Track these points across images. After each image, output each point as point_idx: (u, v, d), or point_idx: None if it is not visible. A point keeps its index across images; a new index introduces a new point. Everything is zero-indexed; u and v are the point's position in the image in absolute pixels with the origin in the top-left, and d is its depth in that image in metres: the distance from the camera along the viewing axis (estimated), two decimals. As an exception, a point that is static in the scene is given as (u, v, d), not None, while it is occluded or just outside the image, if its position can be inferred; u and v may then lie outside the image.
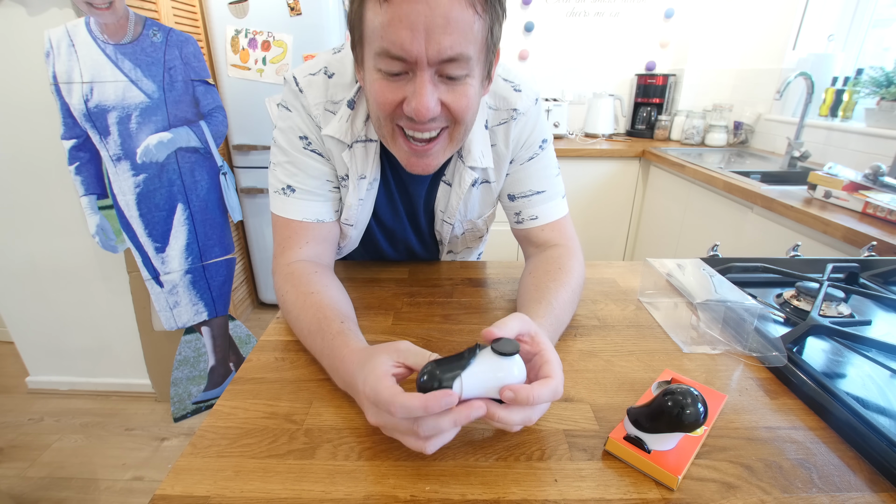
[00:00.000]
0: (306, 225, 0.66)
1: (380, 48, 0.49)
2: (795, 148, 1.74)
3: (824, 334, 0.58)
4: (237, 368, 1.61)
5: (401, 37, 0.47)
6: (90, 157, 1.36)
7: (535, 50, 2.43)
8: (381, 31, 0.48)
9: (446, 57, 0.48)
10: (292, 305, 0.58)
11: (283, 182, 0.66)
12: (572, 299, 0.61)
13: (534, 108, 0.69)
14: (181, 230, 1.47)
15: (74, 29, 1.26)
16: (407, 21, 0.46)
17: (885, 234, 0.98)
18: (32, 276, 1.63)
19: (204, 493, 0.38)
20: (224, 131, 1.53)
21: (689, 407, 0.37)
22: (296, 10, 1.51)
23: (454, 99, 0.52)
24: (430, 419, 0.37)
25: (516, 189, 0.73)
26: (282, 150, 0.66)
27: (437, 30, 0.46)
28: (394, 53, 0.48)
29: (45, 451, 1.57)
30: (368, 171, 0.67)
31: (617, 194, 2.19)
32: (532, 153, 0.71)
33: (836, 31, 1.92)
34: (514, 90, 0.67)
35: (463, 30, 0.48)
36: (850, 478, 0.39)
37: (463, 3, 0.47)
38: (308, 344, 0.56)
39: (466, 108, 0.54)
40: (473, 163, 0.68)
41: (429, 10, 0.45)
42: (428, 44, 0.47)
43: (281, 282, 0.62)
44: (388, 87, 0.51)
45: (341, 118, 0.63)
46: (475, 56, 0.51)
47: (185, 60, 1.39)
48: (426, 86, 0.49)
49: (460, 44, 0.48)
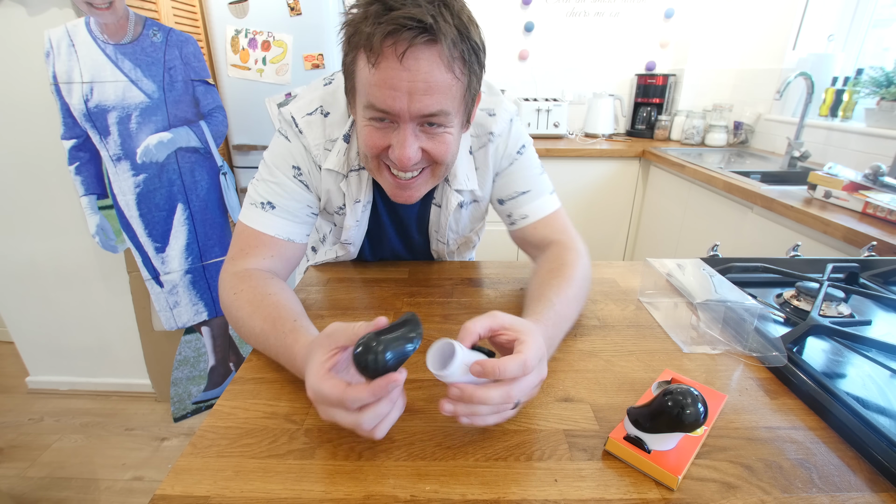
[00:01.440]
0: (276, 240, 0.68)
1: (368, 102, 0.55)
2: (795, 148, 1.74)
3: (824, 334, 0.58)
4: (237, 368, 1.61)
5: (385, 96, 0.53)
6: (90, 157, 1.36)
7: (535, 50, 2.43)
8: (368, 89, 0.54)
9: (427, 113, 0.55)
10: (247, 303, 0.59)
11: (264, 197, 0.68)
12: (577, 294, 0.62)
13: (508, 126, 0.74)
14: (181, 230, 1.47)
15: (74, 29, 1.26)
16: (391, 84, 0.52)
17: (885, 234, 0.98)
18: (32, 276, 1.63)
19: (204, 493, 0.38)
20: (224, 131, 1.53)
21: (689, 407, 0.37)
22: (296, 10, 1.51)
23: (434, 146, 0.59)
24: (369, 411, 0.39)
25: (503, 193, 0.77)
26: (270, 170, 0.70)
27: (418, 92, 0.53)
28: (379, 108, 0.55)
29: (45, 451, 1.57)
30: (362, 195, 0.73)
31: (617, 194, 2.19)
32: (511, 160, 0.75)
33: (836, 31, 1.92)
34: (489, 115, 0.72)
35: (443, 91, 0.54)
36: (850, 478, 0.39)
37: (442, 69, 0.53)
38: (260, 342, 0.56)
39: (445, 153, 0.60)
40: (459, 186, 0.73)
41: (411, 76, 0.52)
42: (410, 103, 0.53)
43: (235, 280, 0.62)
44: (376, 134, 0.58)
45: (339, 152, 0.69)
46: (454, 111, 0.57)
47: (185, 60, 1.39)
48: (408, 138, 0.56)
49: (440, 102, 0.54)
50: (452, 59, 0.54)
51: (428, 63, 0.52)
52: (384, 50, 0.51)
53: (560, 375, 0.53)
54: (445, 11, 0.53)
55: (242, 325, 0.58)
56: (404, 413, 0.46)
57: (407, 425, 0.45)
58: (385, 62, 0.52)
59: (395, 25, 0.50)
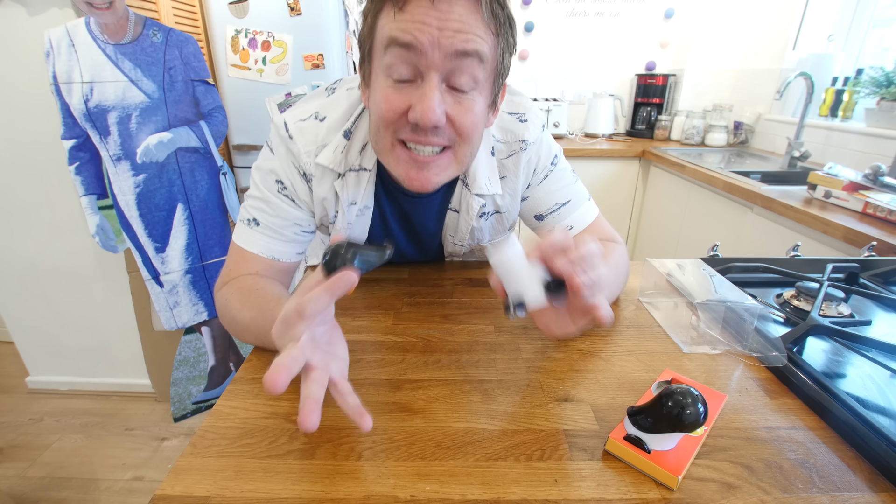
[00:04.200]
0: (260, 259, 0.65)
1: (389, 39, 0.48)
2: (795, 148, 1.74)
3: (824, 334, 0.58)
4: (237, 368, 1.61)
5: (413, 28, 0.46)
6: (90, 157, 1.36)
7: (535, 50, 2.43)
8: (391, 31, 0.48)
9: (460, 49, 0.47)
10: (237, 300, 0.59)
11: (250, 214, 0.66)
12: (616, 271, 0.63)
13: (541, 134, 0.70)
14: (181, 230, 1.47)
15: (74, 29, 1.26)
16: (420, 18, 0.46)
17: (885, 234, 0.98)
18: (32, 276, 1.63)
19: (204, 493, 0.38)
20: (224, 131, 1.53)
21: (689, 407, 0.37)
22: (296, 10, 1.51)
23: (459, 112, 0.51)
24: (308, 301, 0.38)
25: (542, 208, 0.73)
26: (257, 186, 0.66)
27: (450, 27, 0.46)
28: (402, 41, 0.47)
29: (45, 451, 1.57)
30: (360, 198, 0.67)
31: (617, 194, 2.19)
32: (546, 172, 0.72)
33: (836, 31, 1.92)
34: (520, 121, 0.67)
35: (477, 34, 0.48)
36: (850, 478, 0.39)
37: (479, 18, 0.47)
38: (251, 331, 0.56)
39: (472, 126, 0.53)
40: (480, 190, 0.68)
41: (442, 15, 0.46)
42: (441, 37, 0.46)
43: (225, 290, 0.63)
44: (395, 95, 0.50)
45: (336, 149, 0.63)
46: (487, 66, 0.51)
47: (185, 60, 1.39)
48: (434, 91, 0.49)
49: (474, 41, 0.48)
50: (491, 14, 0.48)
51: (464, 8, 0.47)
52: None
53: (560, 375, 0.53)
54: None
55: (236, 322, 0.59)
56: (404, 413, 0.47)
57: (407, 425, 0.45)
58: (414, 2, 0.46)
59: None
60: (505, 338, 0.60)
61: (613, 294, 0.64)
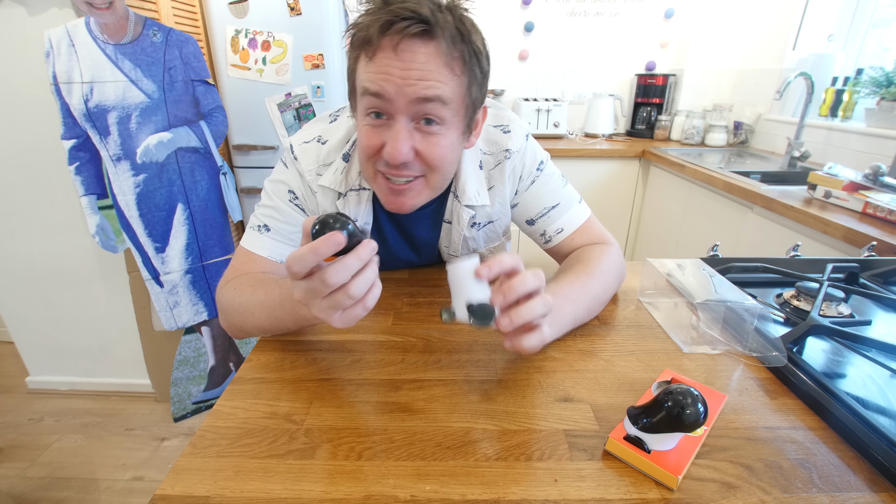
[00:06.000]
0: (268, 261, 0.68)
1: (363, 89, 0.55)
2: (795, 148, 1.74)
3: (824, 334, 0.58)
4: (237, 368, 1.61)
5: (379, 79, 0.53)
6: (90, 157, 1.36)
7: (535, 50, 2.43)
8: (365, 79, 0.54)
9: (421, 96, 0.53)
10: (247, 287, 0.61)
11: (261, 221, 0.70)
12: (596, 283, 0.63)
13: (524, 143, 0.73)
14: (181, 230, 1.47)
15: (74, 29, 1.26)
16: (385, 70, 0.52)
17: (885, 234, 0.98)
18: (32, 276, 1.63)
19: (204, 493, 0.38)
20: (224, 131, 1.53)
21: (689, 407, 0.37)
22: (296, 10, 1.51)
23: (427, 147, 0.57)
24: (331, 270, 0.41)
25: (532, 212, 0.76)
26: (269, 195, 0.71)
27: (411, 78, 0.52)
28: (372, 91, 0.53)
29: (45, 451, 1.57)
30: (360, 215, 0.72)
31: (617, 194, 2.19)
32: (532, 178, 0.75)
33: (836, 31, 1.92)
34: (504, 132, 0.71)
35: (440, 81, 0.53)
36: (850, 478, 0.39)
37: (440, 63, 0.52)
38: (266, 307, 0.57)
39: (441, 157, 0.58)
40: (469, 201, 0.72)
41: (405, 65, 0.52)
42: (403, 85, 0.52)
43: (233, 283, 0.65)
44: (372, 133, 0.57)
45: (336, 170, 0.69)
46: (451, 108, 0.56)
47: (185, 60, 1.39)
48: (401, 132, 0.55)
49: (435, 88, 0.53)
50: (451, 57, 0.53)
51: (424, 56, 0.52)
52: (381, 42, 0.52)
53: (560, 375, 0.53)
54: (446, 11, 0.53)
55: (247, 304, 0.59)
56: (404, 413, 0.47)
57: (407, 425, 0.45)
58: (381, 52, 0.52)
59: (392, 16, 0.50)
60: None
61: (600, 298, 0.64)
